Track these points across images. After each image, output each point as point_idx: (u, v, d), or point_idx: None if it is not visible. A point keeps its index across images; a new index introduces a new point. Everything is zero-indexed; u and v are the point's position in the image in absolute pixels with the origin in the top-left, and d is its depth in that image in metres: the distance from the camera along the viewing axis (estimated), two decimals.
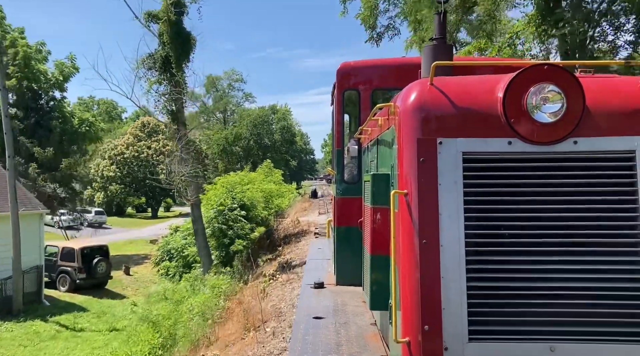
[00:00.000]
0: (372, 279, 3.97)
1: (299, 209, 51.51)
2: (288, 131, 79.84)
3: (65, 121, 35.95)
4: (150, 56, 23.12)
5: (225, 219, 20.51)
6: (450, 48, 4.59)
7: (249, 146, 73.11)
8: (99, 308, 22.01)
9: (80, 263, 24.28)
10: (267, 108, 78.99)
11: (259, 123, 74.02)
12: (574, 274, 2.90)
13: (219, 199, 20.70)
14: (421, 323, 2.91)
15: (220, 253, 21.08)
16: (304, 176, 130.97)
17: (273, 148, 76.06)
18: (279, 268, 16.04)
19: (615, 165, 2.96)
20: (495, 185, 2.98)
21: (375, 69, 6.91)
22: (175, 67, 22.62)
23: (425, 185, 2.99)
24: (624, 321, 2.87)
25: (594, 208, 2.94)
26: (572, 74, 2.96)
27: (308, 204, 57.93)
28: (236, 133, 72.32)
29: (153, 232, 44.95)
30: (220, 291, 16.07)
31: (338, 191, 7.03)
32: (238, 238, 20.34)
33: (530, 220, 2.96)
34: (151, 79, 23.44)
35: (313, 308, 5.74)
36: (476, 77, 3.35)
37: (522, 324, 2.90)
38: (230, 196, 20.95)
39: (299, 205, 54.55)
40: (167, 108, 23.41)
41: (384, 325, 4.34)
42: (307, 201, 60.44)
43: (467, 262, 2.91)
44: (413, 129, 3.08)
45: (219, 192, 21.50)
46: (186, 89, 23.48)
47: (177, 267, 25.60)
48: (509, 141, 2.98)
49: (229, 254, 20.33)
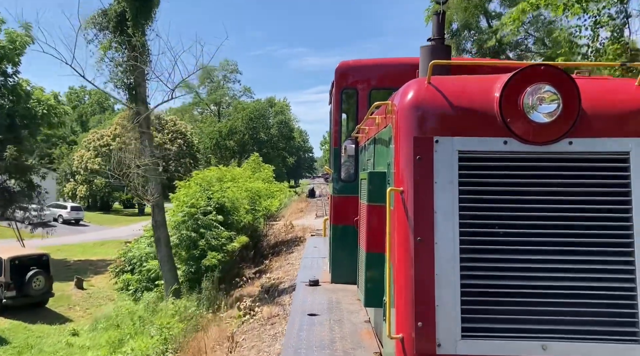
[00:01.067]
0: (367, 276, 3.98)
1: (294, 210, 46.73)
2: (286, 125, 75.09)
3: (18, 101, 30.35)
4: (103, 13, 17.98)
5: (196, 225, 15.66)
6: (448, 48, 4.57)
7: (244, 140, 68.06)
8: (26, 338, 16.59)
9: (9, 278, 18.73)
10: (264, 101, 73.89)
11: (255, 117, 68.90)
12: (566, 273, 2.93)
13: (191, 200, 15.82)
14: (415, 320, 2.92)
15: (189, 268, 16.35)
16: (303, 175, 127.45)
17: (269, 143, 71.00)
18: (261, 293, 12.89)
19: (609, 166, 2.98)
20: (490, 184, 3.00)
21: (373, 69, 6.92)
22: (132, 26, 17.46)
23: (421, 183, 3.01)
24: (615, 321, 2.90)
25: (588, 208, 2.96)
26: (568, 75, 2.96)
27: (305, 204, 53.14)
28: (231, 126, 67.20)
29: (133, 231, 39.97)
30: (171, 334, 11.07)
31: (335, 189, 7.05)
32: (212, 250, 15.48)
33: (525, 219, 2.98)
34: (103, 43, 18.32)
35: (308, 305, 5.76)
36: (473, 77, 3.36)
37: (514, 322, 2.91)
38: (205, 196, 16.11)
39: (295, 205, 49.89)
40: (123, 82, 18.23)
41: (378, 322, 4.35)
42: (304, 201, 55.75)
43: (461, 260, 2.94)
44: (410, 127, 3.09)
45: (192, 191, 16.66)
46: (148, 56, 18.34)
47: (140, 281, 20.24)
48: (504, 140, 2.99)
49: (199, 270, 15.66)
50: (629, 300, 2.89)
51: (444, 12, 4.59)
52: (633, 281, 2.90)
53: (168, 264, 17.22)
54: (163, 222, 16.66)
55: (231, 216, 16.79)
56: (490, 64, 5.04)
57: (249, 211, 18.75)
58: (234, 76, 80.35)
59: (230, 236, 16.55)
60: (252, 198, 19.44)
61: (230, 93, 79.89)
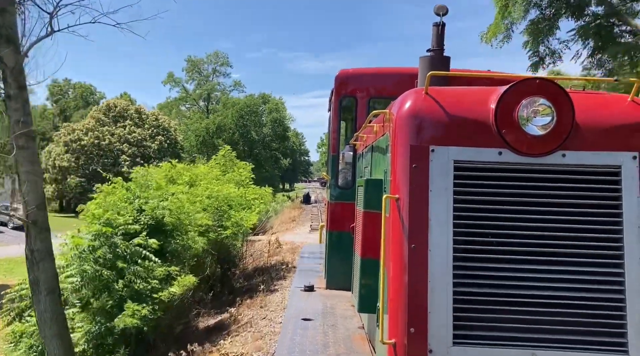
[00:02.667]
0: (362, 282, 4.02)
1: (285, 219, 40.20)
2: (280, 124, 68.58)
3: None
4: None
5: (113, 256, 9.08)
6: (447, 60, 4.60)
7: (234, 139, 62.10)
8: None
9: None
10: (256, 96, 67.76)
11: (246, 113, 62.79)
12: (557, 283, 2.98)
13: (108, 213, 9.41)
14: (407, 326, 2.97)
15: (98, 329, 8.97)
16: (298, 178, 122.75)
17: (262, 143, 64.83)
18: None
19: (601, 179, 3.05)
20: (484, 193, 3.05)
21: (373, 77, 6.99)
22: None
23: (417, 191, 3.06)
24: (604, 331, 2.94)
25: (579, 219, 3.01)
26: (563, 89, 3.03)
27: (298, 211, 46.96)
28: (219, 123, 61.19)
29: None
30: None
31: (332, 195, 7.11)
32: (136, 298, 8.27)
33: (517, 229, 3.03)
34: None
35: (302, 310, 5.79)
36: (470, 88, 3.43)
37: (505, 330, 2.96)
38: (132, 208, 9.89)
39: (287, 213, 43.46)
40: None
41: (371, 328, 4.42)
42: (297, 208, 49.61)
43: (454, 267, 2.98)
44: (407, 136, 3.15)
45: (114, 198, 10.42)
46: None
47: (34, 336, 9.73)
48: (499, 151, 3.05)
49: (111, 334, 8.79)
50: (617, 311, 2.95)
51: (443, 24, 4.61)
52: (622, 293, 2.95)
53: (54, 328, 8.36)
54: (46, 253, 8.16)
55: (174, 240, 10.42)
56: (487, 76, 4.87)
57: (210, 229, 12.48)
58: (224, 68, 74.54)
59: (170, 273, 9.63)
60: (219, 208, 13.37)
61: (220, 88, 74.00)
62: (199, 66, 73.21)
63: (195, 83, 73.75)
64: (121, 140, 58.17)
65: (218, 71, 74.58)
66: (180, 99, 75.70)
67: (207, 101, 74.41)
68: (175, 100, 76.04)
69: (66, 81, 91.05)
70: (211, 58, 73.55)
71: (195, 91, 73.76)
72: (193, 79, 73.71)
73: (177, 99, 75.90)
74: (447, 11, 4.57)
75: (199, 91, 73.30)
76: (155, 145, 60.31)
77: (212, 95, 73.86)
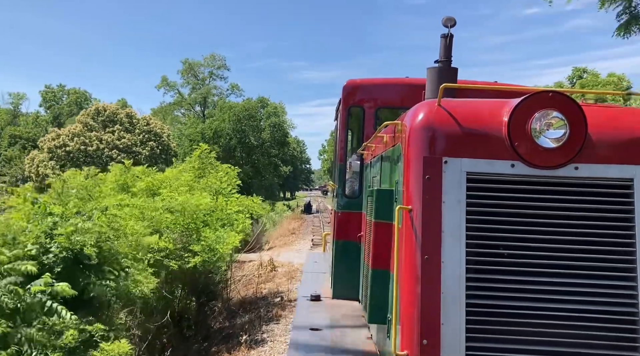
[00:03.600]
0: (372, 293, 4.00)
1: (284, 231, 36.10)
2: (279, 129, 63.74)
3: None
4: None
5: None
6: (454, 71, 4.59)
7: (230, 145, 58.48)
8: None
9: None
10: (254, 100, 63.95)
11: (244, 117, 59.06)
12: (569, 296, 2.98)
13: None
14: (420, 337, 2.96)
15: None
16: (299, 186, 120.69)
17: (260, 149, 61.08)
18: None
19: (613, 192, 3.05)
20: (497, 205, 3.06)
21: (380, 88, 6.97)
22: None
23: (430, 202, 3.06)
24: (617, 345, 2.94)
25: (592, 232, 3.01)
26: (576, 102, 3.04)
27: (298, 222, 42.84)
28: (215, 128, 57.54)
29: None
30: None
31: (339, 205, 7.04)
32: None
33: (530, 241, 3.03)
34: None
35: (310, 320, 5.75)
36: (482, 101, 3.44)
37: (518, 343, 2.95)
38: (39, 230, 6.33)
39: (286, 225, 39.38)
40: None
41: (381, 339, 4.36)
42: (297, 218, 45.60)
43: (467, 279, 2.98)
44: (420, 148, 3.16)
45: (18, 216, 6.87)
46: None
47: None
48: (512, 163, 3.06)
49: None
50: (630, 324, 2.95)
51: (451, 35, 4.59)
52: (635, 306, 2.95)
53: None
54: None
55: (105, 279, 6.73)
56: (499, 89, 4.90)
57: (172, 255, 8.76)
58: (221, 72, 70.80)
59: (92, 335, 6.30)
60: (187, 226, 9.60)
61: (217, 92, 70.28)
62: (195, 69, 69.64)
63: (191, 87, 70.03)
64: (110, 146, 54.72)
65: (215, 74, 70.78)
66: (175, 104, 71.91)
67: (203, 105, 70.75)
68: (169, 105, 72.26)
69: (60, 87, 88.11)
70: (208, 61, 69.88)
71: (191, 94, 69.91)
72: (188, 83, 69.99)
73: (172, 104, 72.13)
74: (455, 23, 4.51)
75: (195, 94, 69.44)
76: (147, 151, 56.84)
77: (208, 99, 70.21)
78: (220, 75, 70.71)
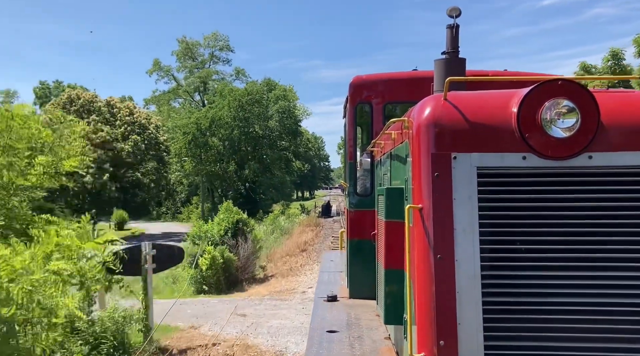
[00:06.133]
0: (387, 293, 3.97)
1: (292, 246, 25.66)
2: (290, 116, 51.41)
3: None
4: None
5: None
6: (462, 62, 4.49)
7: (233, 137, 48.62)
8: None
9: None
10: (260, 83, 53.15)
11: (247, 103, 49.05)
12: (588, 289, 2.90)
13: None
14: (436, 338, 2.91)
15: None
16: (318, 185, 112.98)
17: (268, 141, 50.82)
18: None
19: (630, 180, 2.97)
20: (509, 200, 2.99)
21: (387, 83, 6.83)
22: None
23: (440, 200, 3.00)
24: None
25: (609, 222, 2.93)
26: (587, 89, 2.96)
27: (313, 232, 32.41)
28: (213, 117, 47.79)
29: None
30: None
31: (351, 203, 6.96)
32: None
33: (545, 235, 2.96)
34: None
35: (327, 322, 5.69)
36: (490, 92, 3.36)
37: (538, 339, 2.89)
38: None
39: (296, 237, 29.03)
40: None
41: (398, 339, 4.33)
42: (312, 225, 35.01)
43: (482, 277, 2.92)
44: (427, 144, 3.09)
45: None
46: None
47: None
48: (523, 155, 2.99)
49: None
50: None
51: (457, 26, 4.49)
52: None
53: None
54: None
55: None
56: (507, 79, 4.89)
57: None
58: (224, 54, 60.81)
59: None
60: None
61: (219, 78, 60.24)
62: (193, 50, 59.71)
63: (187, 71, 59.82)
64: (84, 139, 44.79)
65: (217, 57, 60.89)
66: (171, 92, 61.91)
67: (202, 92, 60.65)
68: (164, 94, 62.25)
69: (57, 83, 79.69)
70: (209, 40, 59.87)
71: (188, 78, 59.56)
72: (185, 67, 59.99)
73: (167, 93, 62.13)
74: (460, 13, 4.40)
75: (192, 78, 59.08)
76: (129, 147, 46.88)
77: (209, 86, 60.11)
78: (223, 58, 60.88)
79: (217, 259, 16.45)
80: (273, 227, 34.50)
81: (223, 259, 16.58)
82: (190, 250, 17.24)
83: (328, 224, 35.46)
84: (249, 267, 17.83)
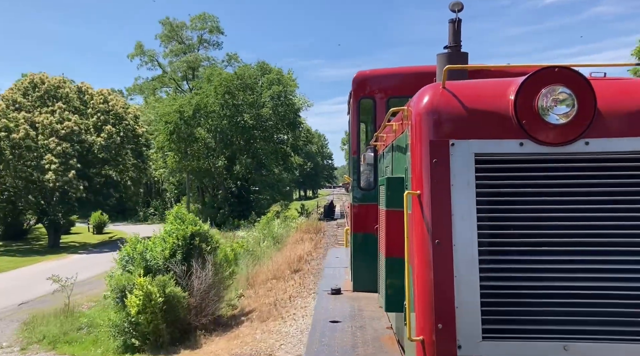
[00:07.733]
0: (388, 281, 4.00)
1: (281, 263, 17.61)
2: (285, 103, 43.25)
3: None
4: None
5: None
6: (464, 56, 4.59)
7: (222, 127, 42.44)
8: None
9: None
10: (253, 67, 45.23)
11: (237, 89, 42.79)
12: (585, 273, 2.93)
13: None
14: (435, 322, 2.95)
15: None
16: (321, 184, 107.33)
17: (261, 131, 44.39)
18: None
19: (626, 165, 2.99)
20: (507, 186, 3.02)
21: (390, 78, 6.99)
22: None
23: (438, 186, 3.03)
24: (636, 321, 2.89)
25: (605, 207, 2.96)
26: (583, 76, 2.99)
27: (312, 241, 25.86)
28: (198, 104, 41.61)
29: None
30: None
31: (355, 198, 7.05)
32: None
33: (543, 220, 2.99)
34: None
35: (330, 313, 5.76)
36: (488, 81, 3.40)
37: (535, 323, 2.93)
38: None
39: (292, 243, 22.04)
40: None
41: (400, 327, 4.37)
42: (312, 232, 28.31)
43: (480, 262, 2.95)
44: (425, 131, 3.13)
45: None
46: None
47: None
48: (520, 142, 3.02)
49: None
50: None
51: (459, 20, 4.58)
52: None
53: None
54: None
55: None
56: (506, 69, 4.82)
57: None
58: (214, 37, 54.55)
59: None
60: None
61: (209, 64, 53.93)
62: (179, 33, 53.47)
63: (173, 55, 53.47)
64: (47, 132, 39.33)
65: (206, 41, 54.65)
66: (156, 80, 55.62)
67: (191, 81, 54.31)
68: (148, 81, 55.94)
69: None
70: (196, 22, 53.62)
71: (173, 63, 53.14)
72: (171, 52, 53.65)
73: (151, 81, 55.80)
74: (462, 7, 4.47)
75: (178, 63, 52.70)
76: (102, 140, 40.77)
77: (198, 73, 53.97)
78: (213, 41, 54.61)
79: (155, 298, 10.42)
80: (266, 233, 28.19)
81: (164, 296, 10.55)
82: (116, 280, 11.15)
83: (331, 230, 29.13)
84: (207, 306, 11.77)
